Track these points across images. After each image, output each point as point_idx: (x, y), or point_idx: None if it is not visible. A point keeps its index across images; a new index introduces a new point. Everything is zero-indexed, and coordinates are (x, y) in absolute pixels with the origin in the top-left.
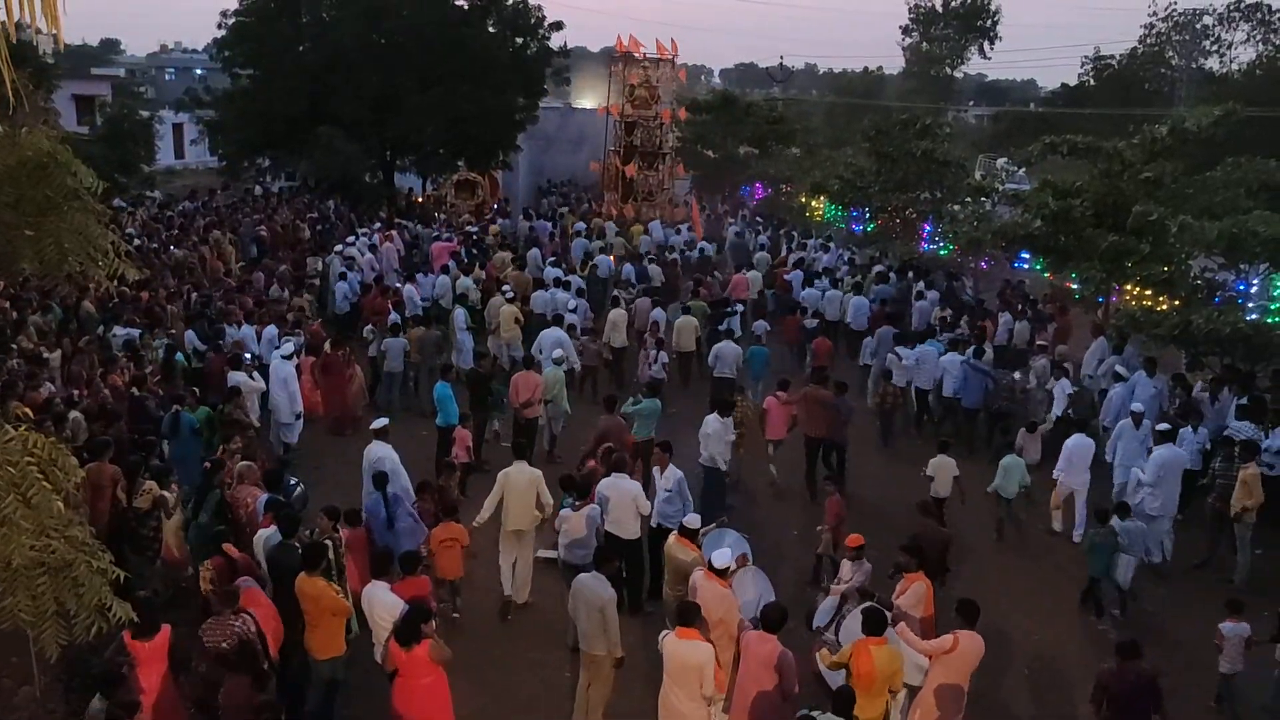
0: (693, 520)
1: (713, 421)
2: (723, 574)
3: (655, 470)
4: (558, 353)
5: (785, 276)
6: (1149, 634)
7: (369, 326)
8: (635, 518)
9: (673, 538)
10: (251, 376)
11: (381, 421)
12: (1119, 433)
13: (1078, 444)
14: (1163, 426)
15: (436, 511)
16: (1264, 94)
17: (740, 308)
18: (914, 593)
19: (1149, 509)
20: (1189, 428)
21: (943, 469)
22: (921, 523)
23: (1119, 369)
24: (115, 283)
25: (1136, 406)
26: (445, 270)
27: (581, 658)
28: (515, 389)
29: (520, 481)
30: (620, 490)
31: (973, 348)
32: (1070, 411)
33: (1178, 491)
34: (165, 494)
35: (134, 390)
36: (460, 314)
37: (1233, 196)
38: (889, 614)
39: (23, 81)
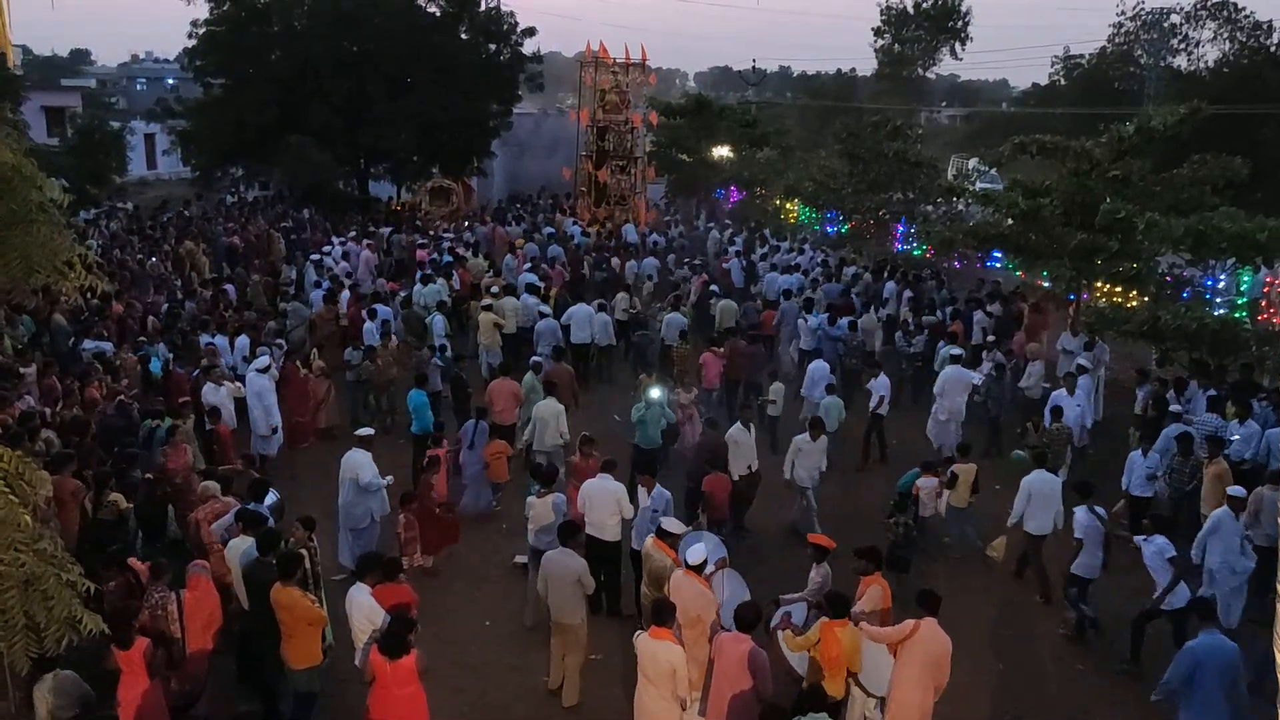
0: (671, 525)
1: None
2: (699, 570)
3: (641, 490)
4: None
5: (724, 265)
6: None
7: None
8: (616, 520)
9: (650, 540)
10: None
11: (367, 430)
12: (1215, 524)
13: (816, 367)
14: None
15: (420, 523)
16: (1231, 91)
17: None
18: (871, 595)
19: (939, 414)
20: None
21: (780, 395)
22: (710, 435)
23: (1082, 362)
24: (89, 296)
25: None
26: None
27: (553, 628)
28: (491, 397)
29: (548, 412)
30: (605, 491)
31: (827, 315)
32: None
33: (963, 401)
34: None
35: (108, 403)
36: (439, 321)
37: (1198, 193)
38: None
39: None
